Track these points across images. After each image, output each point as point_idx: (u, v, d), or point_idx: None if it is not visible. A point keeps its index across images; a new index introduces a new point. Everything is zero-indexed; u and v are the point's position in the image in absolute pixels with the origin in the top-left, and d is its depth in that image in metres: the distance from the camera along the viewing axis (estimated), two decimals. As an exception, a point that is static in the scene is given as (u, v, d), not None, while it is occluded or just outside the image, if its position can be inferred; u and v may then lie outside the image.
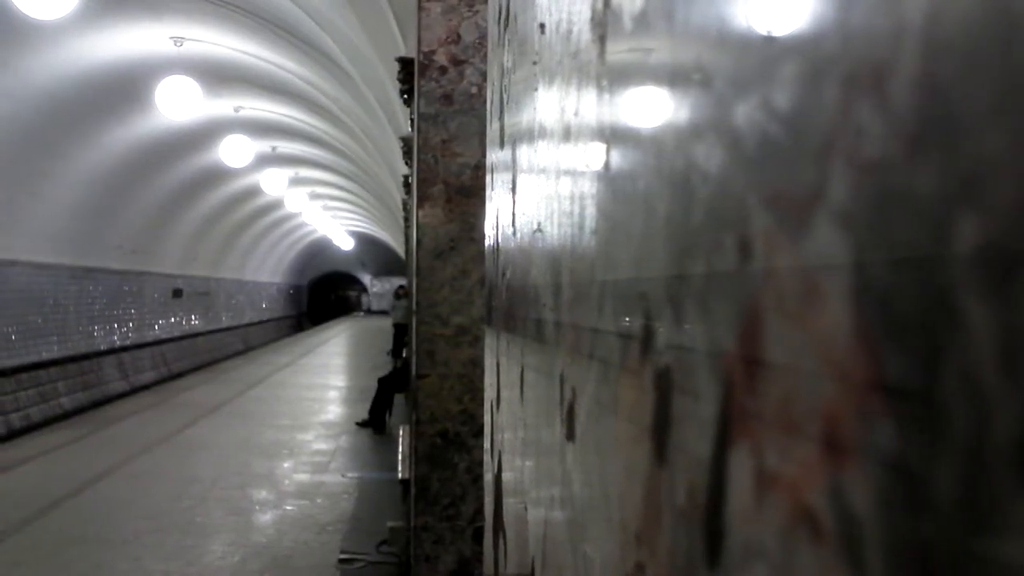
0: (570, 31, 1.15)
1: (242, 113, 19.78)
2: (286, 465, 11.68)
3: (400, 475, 8.63)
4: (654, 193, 0.77)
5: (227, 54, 15.58)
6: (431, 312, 4.66)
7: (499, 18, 2.24)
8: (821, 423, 0.46)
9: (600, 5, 0.97)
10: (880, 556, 0.40)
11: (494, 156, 2.48)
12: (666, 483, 0.72)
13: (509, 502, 1.94)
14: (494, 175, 2.46)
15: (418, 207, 4.77)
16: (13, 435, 14.67)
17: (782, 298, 0.51)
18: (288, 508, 9.44)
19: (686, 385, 0.68)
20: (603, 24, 0.96)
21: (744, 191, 0.57)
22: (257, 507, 9.47)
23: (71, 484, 10.23)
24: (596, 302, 1.00)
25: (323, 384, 21.25)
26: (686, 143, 0.69)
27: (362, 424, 14.76)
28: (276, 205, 31.98)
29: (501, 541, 2.04)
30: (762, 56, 0.54)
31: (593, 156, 1.03)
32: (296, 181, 28.75)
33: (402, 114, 10.53)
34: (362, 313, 60.94)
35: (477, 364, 4.54)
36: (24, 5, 10.25)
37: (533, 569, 1.47)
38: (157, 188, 21.49)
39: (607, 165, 0.96)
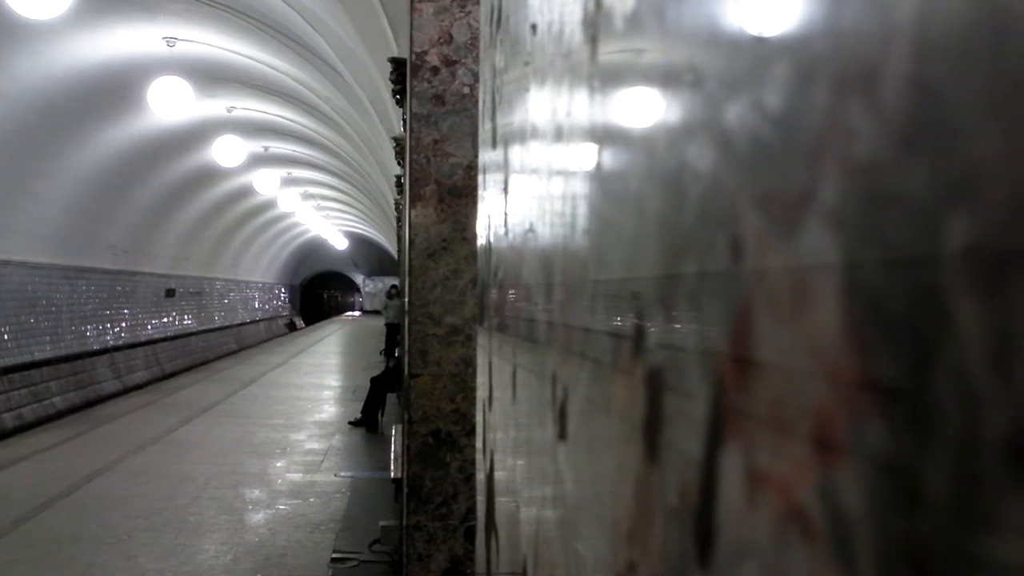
0: (562, 32, 1.15)
1: (234, 113, 19.74)
2: (279, 464, 11.66)
3: (393, 474, 8.62)
4: (646, 193, 0.77)
5: (219, 54, 15.55)
6: (424, 312, 4.66)
7: (491, 19, 2.24)
8: (811, 422, 0.46)
9: (592, 6, 0.97)
10: (870, 554, 0.40)
11: (486, 156, 2.48)
12: (657, 482, 0.72)
13: (501, 501, 1.94)
14: (486, 175, 2.46)
15: (410, 207, 4.77)
16: (6, 435, 14.62)
17: (773, 298, 0.51)
18: (281, 507, 9.42)
19: (677, 384, 0.68)
20: (595, 25, 0.96)
21: (735, 191, 0.57)
22: (250, 506, 9.45)
23: (65, 483, 10.20)
24: (588, 302, 1.00)
25: (316, 384, 21.21)
26: (677, 143, 0.69)
27: (355, 423, 14.73)
28: (269, 205, 31.92)
29: (493, 540, 2.04)
30: (753, 57, 0.54)
31: (585, 156, 1.03)
32: (289, 181, 28.71)
33: (394, 114, 10.52)
34: (358, 314, 60.81)
35: (469, 363, 4.54)
36: (17, 5, 10.20)
37: (525, 568, 1.47)
38: (150, 188, 21.43)
39: (599, 165, 0.96)
